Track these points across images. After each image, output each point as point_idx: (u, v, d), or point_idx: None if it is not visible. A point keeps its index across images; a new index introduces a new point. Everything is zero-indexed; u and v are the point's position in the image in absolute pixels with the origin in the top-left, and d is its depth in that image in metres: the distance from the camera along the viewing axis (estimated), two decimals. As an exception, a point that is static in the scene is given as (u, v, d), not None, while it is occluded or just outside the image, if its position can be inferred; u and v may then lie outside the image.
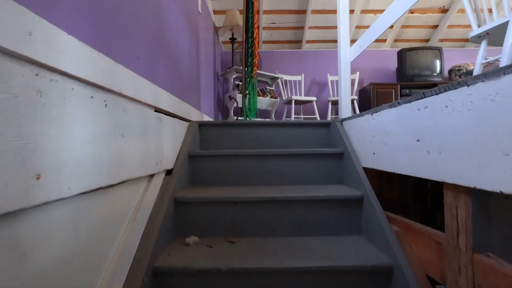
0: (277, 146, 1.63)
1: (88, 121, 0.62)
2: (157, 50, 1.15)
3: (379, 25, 1.29)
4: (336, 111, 3.70)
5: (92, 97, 0.63)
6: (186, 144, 1.40)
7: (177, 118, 1.41)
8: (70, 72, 0.57)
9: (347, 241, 1.09)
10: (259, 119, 2.48)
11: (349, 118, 1.43)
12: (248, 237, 1.14)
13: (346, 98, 1.63)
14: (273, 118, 3.21)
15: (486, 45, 1.35)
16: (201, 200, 1.14)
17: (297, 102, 3.17)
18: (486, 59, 1.35)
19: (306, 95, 3.75)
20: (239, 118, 2.87)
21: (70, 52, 0.58)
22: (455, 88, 0.66)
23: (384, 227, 0.98)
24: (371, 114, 1.14)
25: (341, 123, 1.54)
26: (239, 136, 1.63)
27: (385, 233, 0.96)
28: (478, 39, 1.37)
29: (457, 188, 0.68)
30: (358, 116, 1.29)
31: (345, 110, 1.63)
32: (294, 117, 3.21)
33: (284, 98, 3.18)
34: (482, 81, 0.58)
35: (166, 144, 1.16)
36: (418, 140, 0.81)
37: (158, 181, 1.10)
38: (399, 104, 0.93)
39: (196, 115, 1.83)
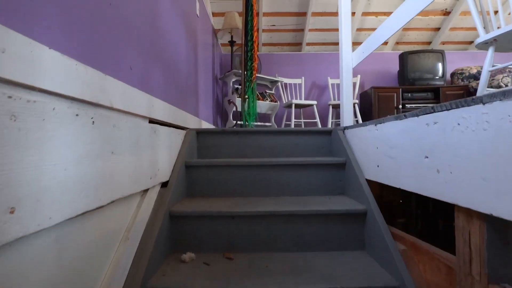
0: (277, 154, 1.58)
1: (73, 141, 0.57)
2: (152, 58, 1.11)
3: (382, 31, 1.24)
4: (337, 115, 3.66)
5: (77, 115, 0.59)
6: (183, 153, 1.35)
7: (174, 127, 1.37)
8: (52, 90, 0.53)
9: (350, 258, 1.04)
10: (259, 127, 2.45)
11: (351, 127, 1.38)
12: (246, 253, 1.09)
13: (348, 105, 1.58)
14: (273, 122, 3.16)
15: (494, 52, 1.30)
16: (197, 214, 1.09)
17: (297, 106, 3.13)
18: (493, 66, 1.31)
19: (306, 98, 3.71)
20: (239, 122, 2.82)
21: (52, 68, 0.53)
22: (468, 105, 0.61)
23: (389, 245, 0.94)
24: (375, 125, 1.09)
25: (343, 132, 1.49)
26: (238, 144, 1.59)
27: (391, 252, 0.92)
28: (485, 45, 1.33)
29: (470, 212, 0.63)
30: (361, 125, 1.24)
31: (347, 117, 1.58)
32: (294, 121, 3.16)
33: (284, 102, 3.14)
34: (500, 100, 0.53)
35: (162, 156, 1.11)
36: (427, 157, 0.77)
37: (153, 194, 1.06)
38: (405, 117, 0.88)
39: (194, 122, 1.78)
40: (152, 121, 1.08)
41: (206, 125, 2.24)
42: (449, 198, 0.68)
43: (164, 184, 1.17)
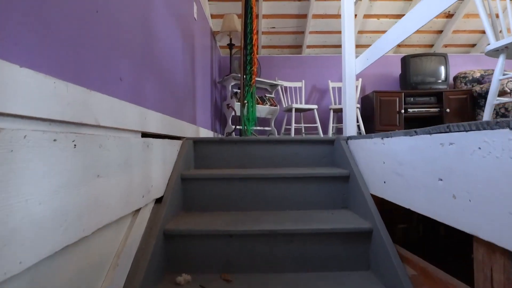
0: (277, 164, 1.52)
1: (49, 171, 0.51)
2: (145, 66, 1.04)
3: (390, 37, 1.18)
4: (338, 120, 3.60)
5: (55, 140, 0.52)
6: (178, 165, 1.29)
7: (169, 138, 1.30)
8: (24, 114, 0.46)
9: (355, 280, 0.98)
10: (258, 136, 2.39)
11: (355, 138, 1.32)
12: (245, 274, 1.03)
13: (351, 114, 1.52)
14: (272, 127, 3.10)
15: (505, 60, 1.24)
16: (193, 233, 1.03)
17: (298, 110, 3.06)
18: (504, 74, 1.25)
19: (306, 102, 3.65)
20: (238, 127, 2.76)
21: (25, 89, 0.47)
22: (491, 128, 0.55)
23: (397, 268, 0.88)
24: (382, 139, 1.03)
25: (346, 142, 1.43)
26: (236, 153, 1.53)
27: (399, 276, 0.86)
28: (495, 52, 1.27)
29: (492, 247, 0.57)
30: (366, 137, 1.18)
31: (350, 127, 1.52)
32: (295, 126, 3.10)
33: (284, 106, 3.08)
34: (532, 126, 0.47)
35: (155, 170, 1.05)
36: (441, 180, 0.71)
37: (145, 213, 0.99)
38: (416, 133, 0.82)
39: (191, 131, 1.72)
40: (145, 134, 1.02)
41: (204, 132, 2.17)
42: (467, 228, 0.62)
43: (158, 199, 1.11)
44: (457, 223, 0.64)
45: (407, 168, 0.86)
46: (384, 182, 1.02)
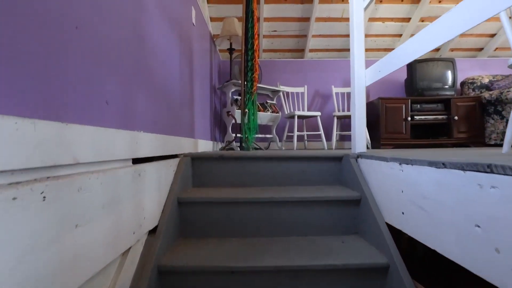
0: (281, 183, 1.42)
1: (8, 238, 0.40)
2: (137, 84, 0.94)
3: (408, 50, 1.08)
4: (341, 127, 3.50)
5: (14, 198, 0.42)
6: (175, 187, 1.18)
7: (165, 158, 1.20)
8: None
9: (371, 324, 0.88)
10: (260, 151, 2.24)
11: (366, 157, 1.22)
12: (248, 314, 0.93)
13: (361, 128, 1.42)
14: (274, 134, 3.00)
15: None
16: (190, 269, 0.92)
17: (300, 117, 2.96)
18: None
19: (309, 108, 3.54)
20: (238, 135, 2.66)
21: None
22: (554, 181, 0.45)
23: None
24: (400, 164, 0.93)
25: (356, 160, 1.33)
26: (238, 170, 1.42)
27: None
28: (519, 66, 1.17)
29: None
30: (380, 159, 1.08)
31: (360, 142, 1.42)
32: (297, 134, 3.00)
33: (286, 112, 2.97)
34: None
35: (149, 199, 0.94)
36: (478, 226, 0.61)
37: (137, 248, 0.89)
38: (444, 166, 0.72)
39: (189, 145, 1.61)
40: (136, 160, 0.91)
41: (203, 143, 2.07)
42: (516, 292, 0.51)
43: (152, 229, 1.00)
44: (502, 283, 0.54)
45: (433, 204, 0.76)
46: (403, 213, 0.92)
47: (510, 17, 1.23)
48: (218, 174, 1.42)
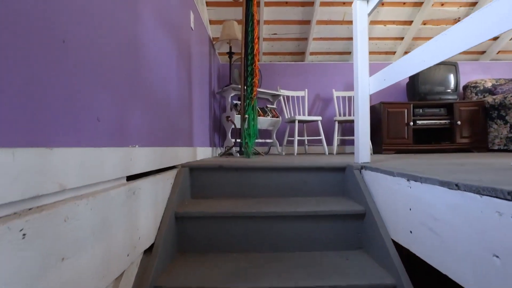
0: (283, 194, 1.38)
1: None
2: (132, 96, 0.89)
3: (415, 60, 1.03)
4: (342, 132, 3.45)
5: (-13, 242, 0.37)
6: (172, 201, 1.14)
7: (162, 170, 1.16)
8: None
9: None
10: (261, 160, 2.19)
11: (371, 169, 1.18)
12: (248, 338, 0.88)
13: (365, 137, 1.37)
14: (274, 139, 2.95)
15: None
16: (188, 291, 0.88)
17: (301, 121, 2.92)
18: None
19: (309, 112, 3.50)
20: (238, 140, 2.61)
21: None
22: None
23: None
24: (408, 180, 0.89)
25: (360, 171, 1.29)
26: (237, 181, 1.38)
27: None
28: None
29: None
30: (387, 173, 1.03)
31: (363, 152, 1.37)
32: (298, 139, 2.96)
33: (287, 116, 2.93)
34: None
35: (144, 217, 0.90)
36: (497, 257, 0.56)
37: (132, 270, 0.84)
38: (458, 187, 0.67)
39: (187, 155, 1.57)
40: (130, 177, 0.87)
41: (202, 151, 2.02)
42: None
43: (148, 247, 0.96)
44: (526, 322, 0.50)
45: (445, 227, 0.72)
46: (411, 232, 0.88)
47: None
48: (217, 184, 1.38)
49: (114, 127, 0.77)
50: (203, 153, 2.09)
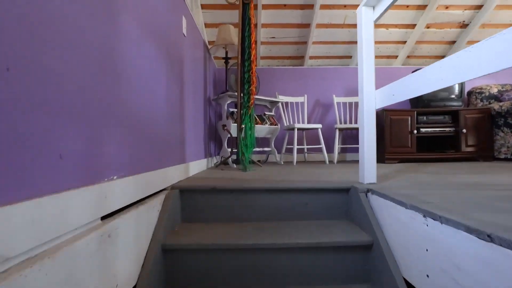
0: (282, 217, 1.27)
1: None
2: (105, 122, 0.78)
3: (430, 78, 0.93)
4: (344, 139, 3.35)
5: None
6: (159, 231, 1.03)
7: (147, 198, 1.04)
8: None
9: None
10: (258, 182, 2.03)
11: (379, 194, 1.07)
12: None
13: (371, 156, 1.26)
14: (272, 147, 2.84)
15: None
16: None
17: (300, 129, 2.81)
18: None
19: (309, 118, 3.38)
20: (234, 150, 2.50)
21: None
22: None
23: None
24: (424, 217, 0.78)
25: (366, 194, 1.18)
26: (233, 203, 1.27)
27: None
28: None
29: None
30: (398, 203, 0.92)
31: (369, 172, 1.27)
32: (297, 147, 2.85)
33: (285, 124, 2.82)
34: None
35: (124, 258, 0.78)
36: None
37: (107, 323, 0.73)
38: (491, 239, 0.56)
39: (179, 173, 1.45)
40: (106, 215, 0.75)
41: (195, 165, 1.90)
42: None
43: (129, 290, 0.84)
44: None
45: (472, 282, 0.61)
46: (427, 276, 0.77)
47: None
48: (210, 207, 1.27)
49: (83, 162, 0.65)
50: (198, 166, 1.97)
